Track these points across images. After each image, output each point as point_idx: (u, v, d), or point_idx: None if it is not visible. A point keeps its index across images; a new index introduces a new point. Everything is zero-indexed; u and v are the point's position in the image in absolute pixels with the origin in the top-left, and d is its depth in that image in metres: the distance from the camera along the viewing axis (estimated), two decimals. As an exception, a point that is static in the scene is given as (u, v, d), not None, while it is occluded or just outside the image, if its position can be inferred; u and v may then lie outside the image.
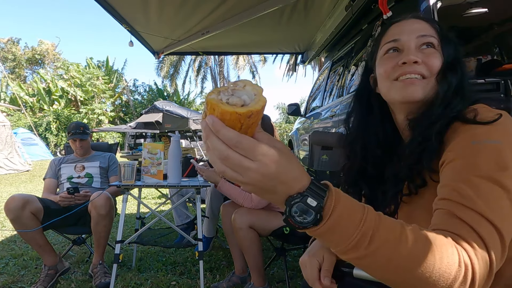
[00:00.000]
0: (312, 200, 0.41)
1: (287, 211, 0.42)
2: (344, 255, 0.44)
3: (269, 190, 0.41)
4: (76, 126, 2.27)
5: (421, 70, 0.63)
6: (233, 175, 0.39)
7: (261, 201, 1.75)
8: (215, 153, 0.39)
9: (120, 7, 2.59)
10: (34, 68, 25.13)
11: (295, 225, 0.42)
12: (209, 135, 0.38)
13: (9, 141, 8.75)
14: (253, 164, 0.38)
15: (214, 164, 0.39)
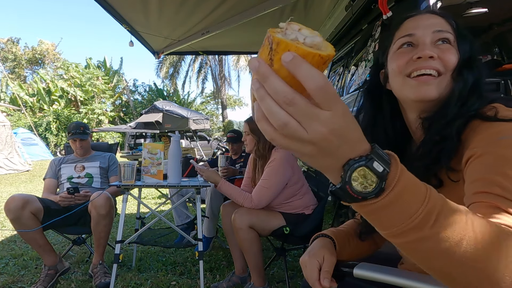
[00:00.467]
0: (379, 165, 0.35)
1: (346, 177, 0.35)
2: (398, 237, 0.38)
3: (330, 151, 0.34)
4: (76, 126, 2.27)
5: (436, 65, 0.62)
6: (295, 129, 0.32)
7: (261, 201, 1.75)
8: (278, 97, 0.31)
9: (120, 7, 2.59)
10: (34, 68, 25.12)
11: (353, 195, 0.36)
12: (269, 76, 0.31)
13: (9, 141, 8.75)
14: (324, 113, 0.32)
15: (271, 115, 0.32)
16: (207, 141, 11.49)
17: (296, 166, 1.87)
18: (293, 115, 0.32)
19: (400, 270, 0.60)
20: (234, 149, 2.87)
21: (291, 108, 0.31)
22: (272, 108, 0.32)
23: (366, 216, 0.40)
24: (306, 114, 0.31)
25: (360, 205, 0.38)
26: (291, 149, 0.34)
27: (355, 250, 0.79)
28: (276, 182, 1.75)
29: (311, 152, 0.34)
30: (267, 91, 0.32)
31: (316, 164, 0.36)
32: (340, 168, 0.36)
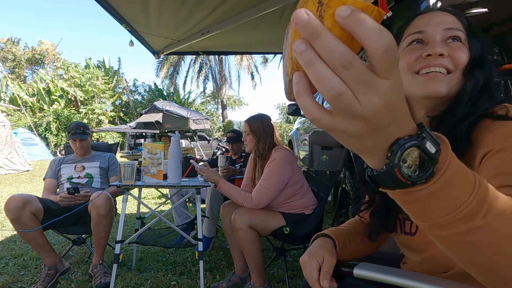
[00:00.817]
0: (431, 145, 0.31)
1: (395, 158, 0.31)
2: (444, 229, 0.35)
3: (381, 129, 0.29)
4: (76, 126, 2.27)
5: (446, 63, 0.61)
6: (349, 101, 0.27)
7: (261, 201, 1.74)
8: (333, 59, 0.25)
9: (120, 7, 2.59)
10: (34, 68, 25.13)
11: (401, 179, 0.32)
12: (322, 33, 0.25)
13: (9, 141, 8.75)
14: (383, 82, 0.27)
15: (323, 84, 0.26)
16: (207, 141, 11.49)
17: (296, 166, 1.87)
18: (347, 82, 0.26)
19: (401, 270, 0.60)
20: (234, 149, 2.87)
21: (348, 73, 0.26)
22: (324, 74, 0.26)
23: (406, 205, 0.36)
24: (363, 81, 0.26)
25: (405, 192, 0.33)
26: (335, 130, 0.29)
27: (356, 249, 0.79)
28: (276, 182, 1.75)
29: (359, 131, 0.29)
30: (318, 53, 0.26)
31: (359, 146, 0.32)
32: (386, 149, 0.32)
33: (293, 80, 0.29)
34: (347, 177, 2.40)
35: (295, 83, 0.29)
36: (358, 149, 0.32)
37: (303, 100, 0.28)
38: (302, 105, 0.29)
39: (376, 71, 0.26)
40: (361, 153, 0.33)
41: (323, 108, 0.28)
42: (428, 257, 0.65)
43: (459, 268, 0.59)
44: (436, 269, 0.64)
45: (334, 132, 0.30)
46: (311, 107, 0.28)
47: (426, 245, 0.64)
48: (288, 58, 0.29)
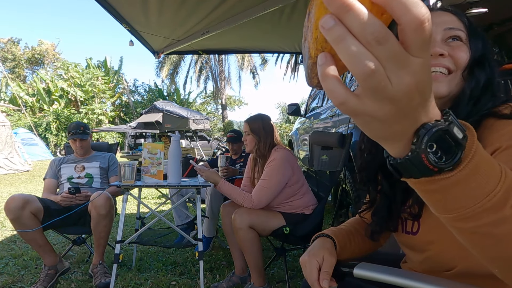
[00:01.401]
0: (459, 131, 0.30)
1: (422, 144, 0.29)
2: (469, 220, 0.33)
3: (409, 112, 0.28)
4: (76, 126, 2.27)
5: (446, 63, 0.60)
6: (381, 80, 0.25)
7: (261, 201, 1.74)
8: (365, 33, 0.24)
9: (120, 7, 2.59)
10: (34, 68, 25.14)
11: (428, 166, 0.30)
12: (353, 6, 0.23)
13: (9, 141, 8.75)
14: (415, 60, 0.25)
15: (355, 61, 0.24)
16: (207, 141, 11.50)
17: (296, 165, 1.87)
18: (380, 59, 0.24)
19: (401, 270, 0.60)
20: (234, 149, 2.87)
21: (381, 49, 0.24)
22: (357, 50, 0.24)
23: (429, 195, 0.34)
24: (396, 58, 0.24)
25: (430, 181, 0.32)
26: (362, 114, 0.28)
27: (357, 249, 0.79)
28: (276, 182, 1.75)
29: (387, 114, 0.27)
30: (349, 28, 0.24)
31: (383, 132, 0.30)
32: (411, 135, 0.30)
33: (317, 61, 0.27)
34: (347, 177, 2.40)
35: (320, 65, 0.27)
36: (381, 136, 0.31)
37: (329, 83, 0.27)
38: (328, 87, 0.27)
39: (408, 48, 0.25)
40: (383, 139, 0.32)
41: (350, 91, 0.27)
42: (430, 256, 0.64)
43: (461, 267, 0.59)
44: (438, 268, 0.64)
45: (360, 117, 0.28)
46: (338, 90, 0.27)
47: (428, 244, 0.64)
48: (311, 39, 0.28)
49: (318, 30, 0.26)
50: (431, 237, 0.63)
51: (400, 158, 0.32)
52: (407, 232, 0.68)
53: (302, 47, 0.31)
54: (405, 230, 0.69)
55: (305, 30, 0.30)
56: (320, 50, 0.27)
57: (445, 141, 0.30)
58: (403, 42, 0.25)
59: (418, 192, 0.35)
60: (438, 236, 0.62)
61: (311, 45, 0.28)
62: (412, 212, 0.64)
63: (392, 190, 0.68)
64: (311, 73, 0.29)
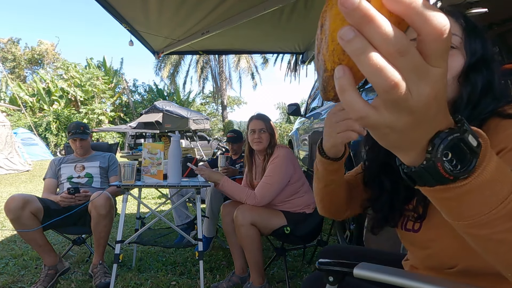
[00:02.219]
0: (473, 138, 0.30)
1: (437, 152, 0.29)
2: (484, 227, 0.33)
3: (425, 122, 0.28)
4: (76, 126, 2.28)
5: None
6: (402, 93, 0.24)
7: (265, 197, 1.75)
8: (387, 45, 0.23)
9: (120, 6, 2.59)
10: (34, 68, 25.14)
11: (443, 175, 0.30)
12: (375, 17, 0.23)
13: (9, 141, 8.75)
14: (434, 70, 0.25)
15: (378, 74, 0.24)
16: (207, 141, 11.50)
17: (297, 164, 1.89)
18: (401, 71, 0.24)
19: (401, 270, 0.60)
20: (234, 149, 2.87)
21: (403, 61, 0.24)
22: (380, 62, 0.24)
23: (444, 202, 0.34)
24: (417, 69, 0.24)
25: (444, 189, 0.32)
26: (381, 127, 0.27)
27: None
28: (279, 179, 1.77)
29: (405, 125, 0.27)
30: (370, 40, 0.24)
31: (399, 142, 0.30)
32: (426, 144, 0.30)
33: (335, 74, 0.27)
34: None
35: (338, 78, 0.26)
36: (397, 145, 0.31)
37: (348, 96, 0.26)
38: (347, 101, 0.26)
39: (427, 58, 0.25)
40: (398, 149, 0.32)
41: (369, 104, 0.26)
42: (431, 253, 0.64)
43: (463, 265, 0.59)
44: (440, 266, 0.64)
45: (379, 129, 0.28)
46: (357, 104, 0.26)
47: (429, 242, 0.64)
48: (327, 51, 0.27)
49: (334, 42, 0.26)
50: (432, 235, 0.63)
51: (415, 166, 0.31)
52: (408, 230, 0.68)
53: (316, 60, 0.30)
54: (405, 227, 0.69)
55: (318, 43, 0.29)
56: (337, 62, 0.27)
57: (460, 149, 0.30)
58: (422, 52, 0.25)
59: (432, 199, 0.35)
60: (439, 235, 0.62)
61: (326, 57, 0.27)
62: (417, 213, 0.64)
63: (395, 188, 0.68)
64: (327, 86, 0.29)
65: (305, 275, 2.08)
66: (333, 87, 0.28)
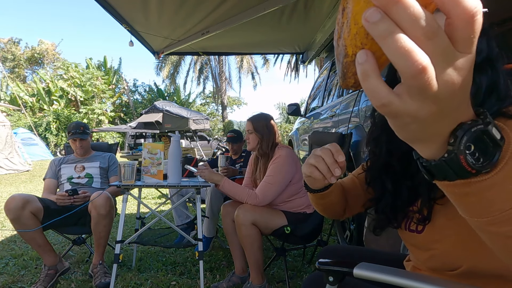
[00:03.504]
0: (497, 131, 0.29)
1: (460, 144, 0.28)
2: (504, 224, 0.32)
3: (449, 112, 0.27)
4: (76, 126, 2.27)
5: None
6: (430, 78, 0.23)
7: (266, 197, 1.75)
8: (416, 27, 0.22)
9: (120, 7, 2.59)
10: (34, 68, 25.14)
11: (465, 168, 0.29)
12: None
13: (9, 141, 8.75)
14: (462, 56, 0.24)
15: (406, 57, 0.23)
16: (207, 141, 11.50)
17: (299, 164, 1.89)
18: (434, 53, 0.23)
19: (401, 270, 0.60)
20: (234, 149, 2.87)
21: (431, 44, 0.22)
22: (408, 45, 0.22)
23: (464, 198, 0.32)
24: (445, 54, 0.23)
25: (465, 183, 0.30)
26: (404, 115, 0.26)
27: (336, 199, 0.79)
28: (281, 179, 1.77)
29: (428, 115, 0.26)
30: (397, 22, 0.22)
31: (420, 133, 0.28)
32: (447, 136, 0.29)
33: (357, 59, 0.25)
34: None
35: (360, 63, 0.25)
36: (417, 137, 0.29)
37: (371, 83, 0.25)
38: (370, 87, 0.25)
39: (455, 43, 0.23)
40: (418, 140, 0.30)
41: (392, 91, 0.25)
42: (434, 255, 0.64)
43: (467, 267, 0.58)
44: (443, 267, 0.63)
45: (400, 118, 0.27)
46: (381, 90, 0.25)
47: (432, 243, 0.64)
48: (349, 35, 0.26)
49: (357, 25, 0.25)
50: (436, 236, 0.63)
51: (435, 159, 0.30)
52: (411, 230, 0.68)
53: (335, 46, 0.29)
54: (408, 228, 0.69)
55: (339, 27, 0.28)
56: (360, 47, 0.26)
57: (483, 141, 0.29)
58: (451, 36, 0.23)
59: (450, 195, 0.33)
60: (443, 236, 0.61)
61: (348, 42, 0.26)
62: (421, 215, 0.63)
63: (397, 188, 0.67)
64: (348, 72, 0.28)
65: (305, 275, 2.08)
66: (354, 74, 0.27)
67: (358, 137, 2.14)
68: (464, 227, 0.57)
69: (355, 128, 2.24)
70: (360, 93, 2.28)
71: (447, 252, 0.61)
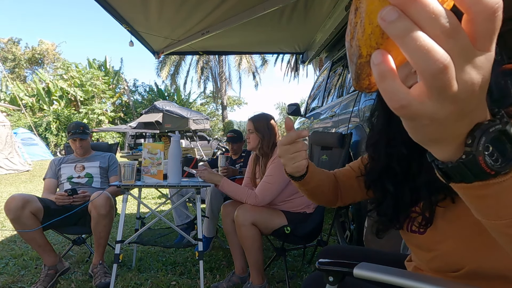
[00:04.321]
0: None
1: (478, 145, 0.28)
2: None
3: (468, 112, 0.26)
4: (76, 126, 2.28)
5: None
6: (450, 77, 0.23)
7: (265, 197, 1.75)
8: (435, 25, 0.22)
9: (120, 7, 2.59)
10: (34, 68, 25.14)
11: (484, 169, 0.28)
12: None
13: (9, 141, 8.75)
14: (482, 54, 0.23)
15: (425, 56, 0.22)
16: (207, 141, 11.50)
17: None
18: (450, 54, 0.22)
19: (401, 270, 0.60)
20: (234, 149, 2.87)
21: (451, 42, 0.22)
22: (428, 44, 0.22)
23: (481, 200, 0.31)
24: (465, 53, 0.22)
25: (483, 185, 0.30)
26: (422, 117, 0.25)
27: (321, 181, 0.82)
28: (280, 179, 1.77)
29: (446, 116, 0.25)
30: (415, 20, 0.22)
31: (437, 135, 0.28)
32: (464, 137, 0.28)
33: (372, 60, 0.25)
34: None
35: (377, 64, 0.24)
36: (434, 138, 0.28)
37: (388, 84, 0.24)
38: (387, 89, 0.24)
39: (475, 40, 0.23)
40: (435, 142, 0.29)
41: (411, 92, 0.24)
42: (437, 255, 0.64)
43: (470, 268, 0.58)
44: (446, 268, 0.63)
45: (418, 120, 0.26)
46: (399, 91, 0.24)
47: (435, 244, 0.63)
48: (363, 35, 0.25)
49: (372, 25, 0.25)
50: (439, 237, 0.62)
51: (452, 161, 0.29)
52: (413, 231, 0.68)
53: (348, 47, 0.28)
54: (410, 229, 0.68)
55: (351, 28, 0.27)
56: (375, 47, 0.25)
57: (501, 142, 0.28)
58: (470, 34, 0.23)
59: (466, 197, 0.33)
60: (445, 237, 0.61)
61: (362, 42, 0.26)
62: (424, 218, 0.63)
63: (399, 190, 0.67)
64: (362, 74, 0.27)
65: (305, 275, 2.08)
66: (368, 75, 0.27)
67: (358, 137, 2.14)
68: (466, 229, 0.57)
69: (355, 128, 2.24)
70: (360, 93, 2.28)
71: (449, 253, 0.61)
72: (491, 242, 0.53)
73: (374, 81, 0.27)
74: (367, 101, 2.12)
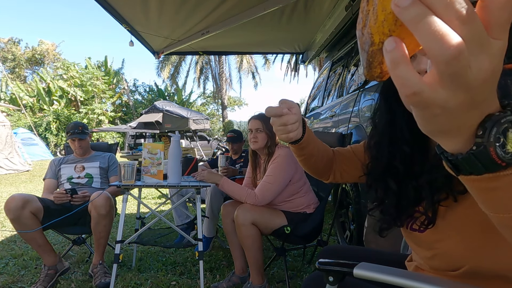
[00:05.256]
0: None
1: (490, 136, 0.27)
2: None
3: (480, 101, 0.26)
4: (74, 126, 2.27)
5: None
6: (464, 65, 0.22)
7: (266, 197, 1.75)
8: (450, 11, 0.22)
9: (120, 7, 2.59)
10: (34, 68, 25.14)
11: (495, 161, 0.28)
12: None
13: (9, 141, 8.75)
14: (496, 43, 0.23)
15: (439, 42, 0.22)
16: (207, 141, 11.50)
17: (298, 164, 1.88)
18: (468, 38, 0.22)
19: (401, 270, 0.60)
20: (234, 149, 2.87)
21: (465, 29, 0.22)
22: (442, 29, 0.22)
23: (490, 193, 0.31)
24: (479, 40, 0.22)
25: (493, 177, 0.29)
26: (434, 105, 0.25)
27: (316, 150, 0.86)
28: (281, 178, 1.77)
29: (458, 105, 0.25)
30: (429, 5, 0.22)
31: (447, 125, 0.27)
32: (474, 128, 0.28)
33: (385, 47, 0.25)
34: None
35: (390, 51, 0.24)
36: (444, 129, 0.28)
37: (401, 70, 0.24)
38: (400, 76, 0.24)
39: (489, 28, 0.23)
40: (444, 133, 0.29)
41: (423, 79, 0.24)
42: (437, 254, 0.64)
43: (469, 267, 0.58)
44: (446, 267, 0.63)
45: (429, 109, 0.26)
46: (412, 78, 0.24)
47: (435, 242, 0.63)
48: (375, 23, 0.25)
49: (385, 11, 0.25)
50: (439, 236, 0.62)
51: (462, 153, 0.29)
52: (413, 229, 0.68)
53: (359, 35, 0.28)
54: (411, 227, 0.68)
55: (363, 16, 0.27)
56: (387, 34, 0.25)
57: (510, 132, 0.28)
58: (484, 21, 0.23)
59: (475, 190, 0.32)
60: (445, 236, 0.61)
61: (374, 29, 0.26)
62: (426, 218, 0.63)
63: (402, 188, 0.66)
64: (374, 62, 0.27)
65: (305, 275, 2.08)
66: (380, 63, 0.27)
67: (358, 137, 2.14)
68: (467, 228, 0.57)
69: (355, 128, 2.24)
70: (360, 93, 2.28)
71: (449, 252, 0.61)
72: (491, 242, 0.54)
73: (385, 69, 0.27)
74: (367, 101, 2.12)
